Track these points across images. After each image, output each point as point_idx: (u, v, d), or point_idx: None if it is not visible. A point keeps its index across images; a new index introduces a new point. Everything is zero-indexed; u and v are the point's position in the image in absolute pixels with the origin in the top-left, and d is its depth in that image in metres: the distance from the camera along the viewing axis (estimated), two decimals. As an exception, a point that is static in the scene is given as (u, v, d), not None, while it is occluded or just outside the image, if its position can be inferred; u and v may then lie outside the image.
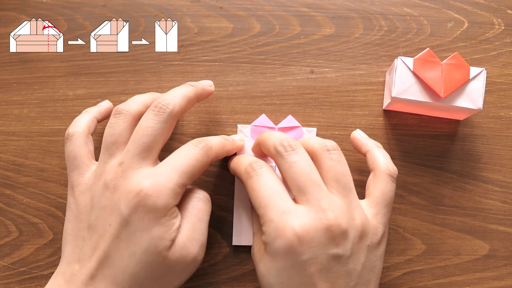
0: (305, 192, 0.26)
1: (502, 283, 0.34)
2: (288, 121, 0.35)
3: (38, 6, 0.37)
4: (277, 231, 0.25)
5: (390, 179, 0.29)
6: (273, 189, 0.26)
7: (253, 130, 0.34)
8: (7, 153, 0.35)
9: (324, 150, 0.28)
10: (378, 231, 0.27)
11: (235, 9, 0.37)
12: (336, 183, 0.27)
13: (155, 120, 0.27)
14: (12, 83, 0.36)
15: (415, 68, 0.32)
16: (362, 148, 0.31)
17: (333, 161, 0.27)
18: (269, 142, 0.28)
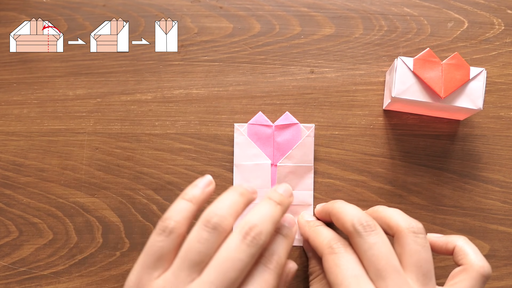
0: (385, 278, 0.25)
1: (502, 283, 0.34)
2: (285, 118, 0.35)
3: (38, 6, 0.37)
4: None
5: (482, 279, 0.27)
6: (356, 272, 0.26)
7: (250, 129, 0.34)
8: (7, 153, 0.35)
9: (410, 232, 0.27)
10: None
11: (235, 9, 0.37)
12: (418, 270, 0.26)
13: (247, 252, 0.24)
14: (12, 83, 0.36)
15: (415, 68, 0.32)
16: (448, 246, 0.29)
17: (419, 245, 0.26)
18: (345, 217, 0.27)
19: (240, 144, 0.34)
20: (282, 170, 0.34)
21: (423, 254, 0.26)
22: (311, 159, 0.34)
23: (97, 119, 0.35)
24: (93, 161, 0.35)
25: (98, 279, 0.34)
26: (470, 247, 0.28)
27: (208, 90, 0.36)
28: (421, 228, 0.27)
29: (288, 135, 0.34)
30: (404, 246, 0.26)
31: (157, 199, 0.35)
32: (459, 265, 0.28)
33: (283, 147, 0.34)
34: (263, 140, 0.35)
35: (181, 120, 0.35)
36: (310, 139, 0.34)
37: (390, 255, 0.26)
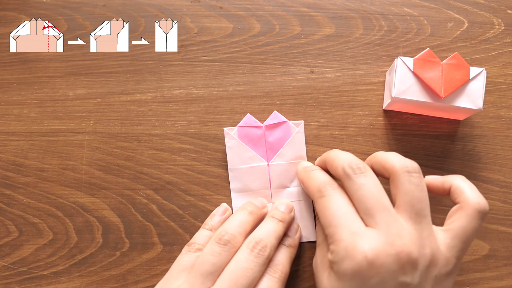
0: (374, 216, 0.25)
1: (502, 283, 0.34)
2: (274, 117, 0.35)
3: (38, 6, 0.37)
4: (346, 251, 0.25)
5: (479, 215, 0.26)
6: (345, 210, 0.26)
7: (241, 131, 0.34)
8: (7, 153, 0.35)
9: (404, 171, 0.26)
10: (449, 263, 0.26)
11: (235, 9, 0.37)
12: (411, 208, 0.26)
13: (254, 262, 0.27)
14: (12, 83, 0.36)
15: (415, 68, 0.32)
16: (445, 185, 0.29)
17: (412, 184, 0.26)
18: (337, 162, 0.28)
19: (232, 148, 0.34)
20: (275, 169, 0.34)
21: (416, 193, 0.26)
22: (304, 155, 0.34)
23: (97, 119, 0.35)
24: (93, 161, 0.35)
25: (98, 279, 0.34)
26: (466, 185, 0.28)
27: (208, 90, 0.36)
28: (416, 167, 0.27)
29: (278, 134, 0.35)
30: (398, 186, 0.26)
31: (157, 199, 0.35)
32: (456, 204, 0.28)
33: (276, 146, 0.34)
34: (255, 141, 0.34)
35: (181, 120, 0.35)
36: (300, 135, 0.34)
37: (380, 194, 0.26)
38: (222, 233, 0.28)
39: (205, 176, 0.35)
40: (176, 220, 0.34)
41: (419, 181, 0.26)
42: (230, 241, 0.28)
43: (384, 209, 0.26)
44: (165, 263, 0.34)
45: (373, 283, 0.24)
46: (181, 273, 0.28)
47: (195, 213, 0.34)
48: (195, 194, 0.34)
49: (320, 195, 0.28)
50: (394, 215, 0.26)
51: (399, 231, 0.25)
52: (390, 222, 0.25)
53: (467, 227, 0.26)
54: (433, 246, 0.26)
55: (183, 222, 0.34)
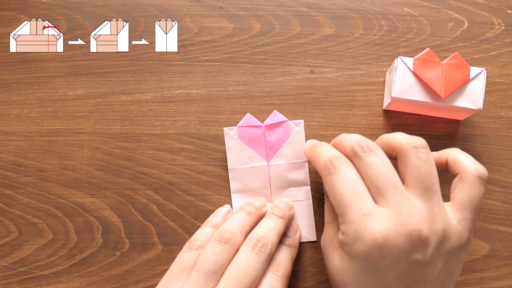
0: (384, 194, 0.25)
1: (502, 283, 0.34)
2: (274, 116, 0.35)
3: (38, 6, 0.37)
4: (357, 233, 0.25)
5: (480, 181, 0.27)
6: (354, 189, 0.26)
7: (240, 131, 0.34)
8: (7, 153, 0.35)
9: (411, 147, 0.26)
10: (462, 237, 0.26)
11: (235, 9, 0.37)
12: (420, 184, 0.26)
13: (256, 260, 0.27)
14: (12, 83, 0.36)
15: (415, 68, 0.32)
16: (441, 159, 0.29)
17: (421, 160, 0.26)
18: (345, 143, 0.28)
19: (232, 148, 0.34)
20: (275, 169, 0.34)
21: (424, 168, 0.26)
22: (303, 155, 0.34)
23: (97, 119, 0.35)
24: (93, 161, 0.35)
25: (98, 279, 0.34)
26: (462, 155, 0.28)
27: (208, 90, 0.36)
28: (423, 143, 0.27)
29: (278, 134, 0.34)
30: (406, 163, 0.26)
31: (157, 199, 0.35)
32: (456, 175, 0.28)
33: (276, 145, 0.34)
34: (254, 141, 0.34)
35: (181, 120, 0.35)
36: (300, 135, 0.34)
37: (389, 173, 0.26)
38: (222, 231, 0.28)
39: (205, 176, 0.35)
40: (176, 220, 0.34)
41: (427, 157, 0.26)
42: (231, 239, 0.28)
43: (395, 187, 0.25)
44: (165, 263, 0.34)
45: (386, 264, 0.24)
46: (183, 273, 0.28)
47: (195, 213, 0.34)
48: (195, 194, 0.34)
49: (327, 173, 0.27)
50: (404, 193, 0.25)
51: (410, 210, 0.25)
52: (400, 201, 0.25)
53: (471, 195, 0.26)
54: (445, 221, 0.25)
55: (183, 222, 0.34)
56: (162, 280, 0.28)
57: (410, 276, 0.25)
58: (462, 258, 0.27)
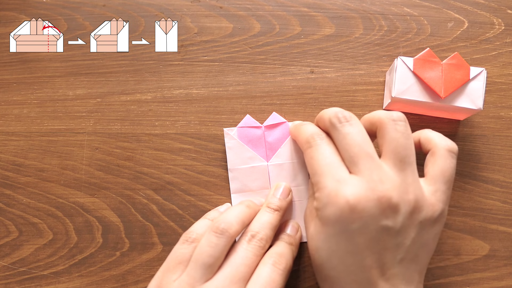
0: (357, 163, 0.26)
1: (502, 283, 0.34)
2: (273, 118, 0.35)
3: (38, 6, 0.37)
4: (329, 198, 0.26)
5: (450, 154, 0.28)
6: (330, 159, 0.27)
7: (240, 132, 0.35)
8: (7, 153, 0.35)
9: (389, 120, 0.27)
10: (435, 208, 0.26)
11: (235, 9, 0.37)
12: (395, 155, 0.26)
13: (252, 251, 0.28)
14: (12, 83, 0.36)
15: (415, 68, 0.32)
16: (414, 139, 0.30)
17: (398, 132, 0.27)
18: (324, 116, 0.29)
19: (232, 148, 0.34)
20: (274, 169, 0.34)
21: (401, 140, 0.27)
22: (303, 155, 0.34)
23: (97, 119, 0.35)
24: (93, 161, 0.35)
25: (98, 279, 0.34)
26: (433, 133, 0.29)
27: (208, 90, 0.36)
28: (401, 116, 0.27)
29: (278, 134, 0.34)
30: (384, 135, 0.27)
31: (157, 199, 0.35)
32: (428, 151, 0.29)
33: (275, 146, 0.34)
34: (254, 142, 0.34)
35: (181, 120, 0.35)
36: None
37: (363, 142, 0.27)
38: (219, 222, 0.28)
39: (205, 176, 0.35)
40: (176, 220, 0.34)
41: (405, 129, 0.27)
42: (227, 230, 0.28)
43: (368, 156, 0.26)
44: (165, 263, 0.34)
45: (356, 227, 0.25)
46: (178, 266, 0.27)
47: (195, 213, 0.34)
48: (195, 194, 0.34)
49: (308, 146, 0.29)
50: (377, 162, 0.26)
51: (381, 177, 0.26)
52: (372, 169, 0.26)
53: (443, 168, 0.27)
54: (417, 192, 0.26)
55: (183, 222, 0.34)
56: (158, 273, 0.28)
57: (380, 242, 0.25)
58: (437, 231, 0.27)
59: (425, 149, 0.29)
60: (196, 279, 0.26)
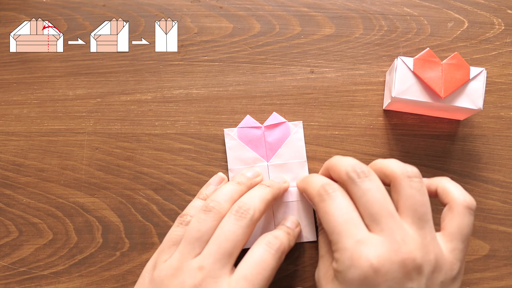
0: (379, 222, 0.25)
1: (502, 283, 0.34)
2: (273, 118, 0.35)
3: (38, 6, 0.37)
4: (351, 260, 0.24)
5: (468, 211, 0.27)
6: (348, 215, 0.26)
7: (241, 132, 0.35)
8: (7, 153, 0.35)
9: (405, 176, 0.26)
10: (453, 267, 0.26)
11: (235, 9, 0.37)
12: (413, 213, 0.26)
13: (236, 225, 0.27)
14: (12, 83, 0.36)
15: (415, 68, 0.32)
16: (431, 187, 0.29)
17: (413, 189, 0.26)
18: (340, 167, 0.28)
19: (232, 148, 0.34)
20: (274, 169, 0.34)
21: (418, 197, 0.26)
22: (303, 155, 0.34)
23: (97, 119, 0.35)
24: (93, 161, 0.35)
25: (98, 279, 0.34)
26: (452, 185, 0.28)
27: (208, 90, 0.36)
28: (416, 172, 0.27)
29: (278, 134, 0.35)
30: (400, 191, 0.26)
31: (157, 199, 0.35)
32: (445, 205, 0.28)
33: (275, 146, 0.34)
34: (254, 142, 0.34)
35: (181, 120, 0.35)
36: (298, 135, 0.35)
37: (384, 200, 0.26)
38: (208, 201, 0.29)
39: (205, 176, 0.35)
40: (176, 220, 0.34)
41: (420, 186, 0.26)
42: (214, 207, 0.28)
43: (389, 215, 0.25)
44: (165, 263, 0.34)
45: None
46: (172, 247, 0.28)
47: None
48: (195, 194, 0.34)
49: (320, 199, 0.27)
50: (398, 221, 0.25)
51: (404, 237, 0.25)
52: (394, 229, 0.25)
53: (461, 226, 0.27)
54: (437, 251, 0.26)
55: (183, 222, 0.34)
56: (154, 255, 0.29)
57: None
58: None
59: (442, 200, 0.28)
60: (185, 255, 0.27)
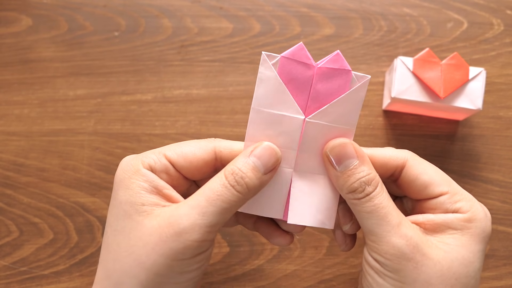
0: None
1: (501, 283, 0.34)
2: (335, 59, 0.25)
3: (38, 6, 0.37)
4: (486, 213, 0.24)
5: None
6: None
7: (284, 64, 0.25)
8: (8, 153, 0.35)
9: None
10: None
11: (235, 9, 0.37)
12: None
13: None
14: (12, 83, 0.36)
15: (415, 68, 0.32)
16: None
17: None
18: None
19: (265, 81, 0.25)
20: (312, 128, 0.25)
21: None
22: (354, 122, 0.25)
23: (97, 119, 0.36)
24: (94, 161, 0.35)
25: (99, 279, 0.34)
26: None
27: (208, 90, 0.36)
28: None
29: (333, 84, 0.25)
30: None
31: (158, 199, 0.35)
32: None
33: (323, 98, 0.25)
34: (297, 83, 0.25)
35: (181, 120, 0.36)
36: (360, 94, 0.25)
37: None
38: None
39: (205, 176, 0.35)
40: (177, 220, 0.34)
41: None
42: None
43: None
44: (165, 263, 0.34)
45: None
46: None
47: (195, 213, 0.34)
48: (195, 194, 0.35)
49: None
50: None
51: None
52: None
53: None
54: None
55: (183, 222, 0.34)
56: None
57: None
58: None
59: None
60: None
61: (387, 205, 0.23)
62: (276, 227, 0.27)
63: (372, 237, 0.23)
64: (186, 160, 0.24)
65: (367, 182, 0.23)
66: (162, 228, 0.22)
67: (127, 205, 0.23)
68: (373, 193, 0.23)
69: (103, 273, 0.23)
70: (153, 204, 0.23)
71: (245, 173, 0.23)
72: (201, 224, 0.21)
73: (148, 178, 0.23)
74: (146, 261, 0.21)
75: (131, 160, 0.24)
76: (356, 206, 0.23)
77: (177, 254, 0.21)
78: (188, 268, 0.22)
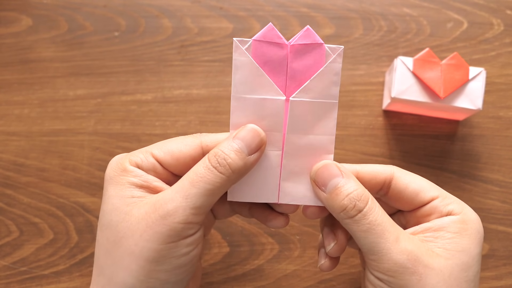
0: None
1: (501, 283, 0.34)
2: (306, 35, 0.24)
3: (38, 6, 0.37)
4: (479, 222, 0.24)
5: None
6: None
7: (256, 47, 0.25)
8: (8, 153, 0.35)
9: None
10: None
11: (235, 9, 0.37)
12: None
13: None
14: (13, 83, 0.36)
15: (415, 68, 0.32)
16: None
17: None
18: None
19: (241, 67, 0.25)
20: (296, 107, 0.24)
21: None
22: (336, 94, 0.25)
23: (97, 119, 0.36)
24: (94, 161, 0.35)
25: (99, 279, 0.34)
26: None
27: (208, 90, 0.36)
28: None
29: (308, 60, 0.25)
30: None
31: (158, 199, 0.35)
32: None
33: (300, 75, 0.25)
34: (272, 65, 0.25)
35: (181, 120, 0.36)
36: (336, 65, 0.24)
37: None
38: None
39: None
40: (177, 220, 0.34)
41: None
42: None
43: None
44: (165, 263, 0.34)
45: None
46: None
47: (195, 213, 0.34)
48: (195, 194, 0.35)
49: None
50: None
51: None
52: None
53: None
54: None
55: (183, 222, 0.34)
56: None
57: None
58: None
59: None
60: None
61: (383, 220, 0.23)
62: (270, 210, 0.27)
63: (372, 256, 0.23)
64: (173, 157, 0.24)
65: (356, 197, 0.23)
66: (148, 214, 0.22)
67: (116, 199, 0.23)
68: (365, 209, 0.23)
69: (97, 271, 0.23)
70: (143, 196, 0.23)
71: (228, 155, 0.23)
72: (185, 206, 0.22)
73: (137, 173, 0.23)
74: (135, 249, 0.22)
75: (119, 159, 0.24)
76: (352, 226, 0.23)
77: (164, 237, 0.22)
78: (177, 253, 0.22)
